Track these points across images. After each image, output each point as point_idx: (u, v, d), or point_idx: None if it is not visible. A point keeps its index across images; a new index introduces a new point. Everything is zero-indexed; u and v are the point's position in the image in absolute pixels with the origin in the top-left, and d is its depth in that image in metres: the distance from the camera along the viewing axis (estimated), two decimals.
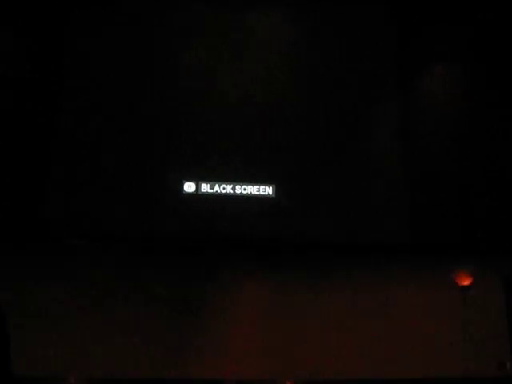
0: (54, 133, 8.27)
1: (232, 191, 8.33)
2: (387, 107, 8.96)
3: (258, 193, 8.37)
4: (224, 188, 8.33)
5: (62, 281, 8.46)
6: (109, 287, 8.51)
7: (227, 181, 8.36)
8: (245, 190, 8.35)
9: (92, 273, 8.54)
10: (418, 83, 9.23)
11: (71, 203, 8.07)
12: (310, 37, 9.10)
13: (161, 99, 8.54)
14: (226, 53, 8.80)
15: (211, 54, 8.78)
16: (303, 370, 8.47)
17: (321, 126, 8.72)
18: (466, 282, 9.00)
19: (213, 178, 8.36)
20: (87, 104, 8.41)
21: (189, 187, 8.28)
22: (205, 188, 8.31)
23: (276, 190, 8.39)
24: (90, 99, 8.42)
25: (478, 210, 8.74)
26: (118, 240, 8.32)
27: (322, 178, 8.52)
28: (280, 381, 8.44)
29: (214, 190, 8.31)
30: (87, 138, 8.29)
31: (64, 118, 8.33)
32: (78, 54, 8.60)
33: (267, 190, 8.38)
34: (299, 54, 9.00)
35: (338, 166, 8.60)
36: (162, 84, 8.59)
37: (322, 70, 8.95)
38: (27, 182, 8.03)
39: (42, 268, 8.46)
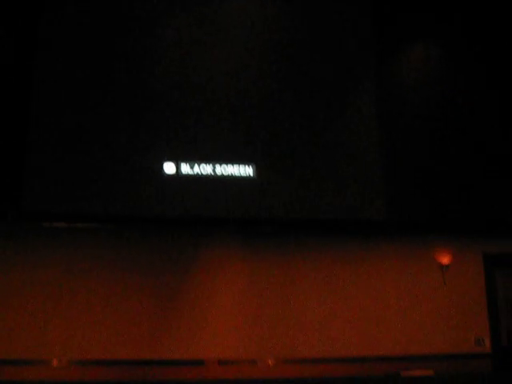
0: (31, 114, 8.18)
1: (212, 172, 8.31)
2: (364, 87, 8.96)
3: (238, 173, 8.36)
4: (204, 168, 8.31)
5: (43, 264, 8.42)
6: (89, 271, 8.49)
7: (207, 160, 8.34)
8: (225, 170, 8.33)
9: (71, 256, 8.51)
10: (396, 62, 9.26)
11: (48, 184, 8.01)
12: (287, 17, 9.05)
13: (140, 79, 8.46)
14: (203, 32, 8.74)
15: (190, 33, 8.71)
16: (284, 348, 8.54)
17: (298, 106, 8.71)
18: (446, 260, 9.09)
19: (193, 158, 8.33)
20: (64, 83, 8.31)
21: (169, 168, 8.24)
22: (185, 169, 8.28)
23: (256, 170, 8.39)
24: (67, 79, 8.33)
25: (457, 189, 8.82)
26: (95, 221, 8.30)
27: (299, 157, 8.52)
28: (261, 360, 8.48)
29: (194, 171, 8.29)
30: (65, 119, 8.19)
31: (40, 100, 8.23)
32: (55, 25, 8.47)
33: (247, 170, 8.37)
34: (275, 34, 8.93)
35: (315, 145, 8.60)
36: (141, 64, 8.51)
37: (299, 51, 8.92)
38: (3, 165, 7.98)
39: (21, 251, 8.42)
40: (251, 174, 8.38)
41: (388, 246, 9.14)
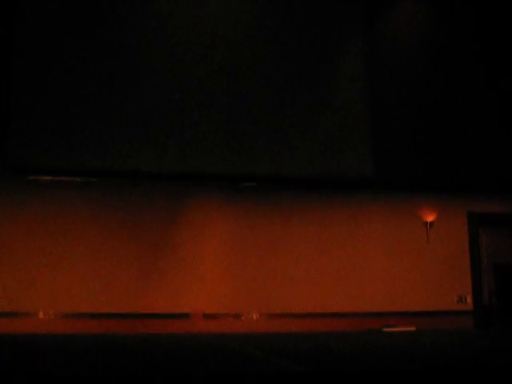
0: (14, 68, 8.12)
1: (195, 125, 8.33)
2: (353, 44, 8.93)
3: (222, 129, 8.38)
4: (188, 121, 8.33)
5: (29, 218, 8.43)
6: (75, 224, 8.50)
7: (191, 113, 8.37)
8: (209, 126, 8.36)
9: (57, 209, 8.51)
10: (384, 18, 9.20)
11: (33, 139, 8.00)
12: None
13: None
14: None
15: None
16: (268, 303, 8.63)
17: (286, 63, 8.68)
18: (430, 218, 9.16)
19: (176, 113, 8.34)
20: (47, 39, 8.22)
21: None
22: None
23: (242, 126, 8.40)
24: (49, 36, 8.26)
25: (443, 149, 8.85)
26: (80, 175, 8.33)
27: (286, 115, 8.52)
28: (245, 314, 8.58)
29: (178, 125, 8.30)
30: (48, 75, 8.14)
31: (23, 56, 8.16)
32: None
33: (233, 126, 8.39)
34: None
35: (302, 103, 8.60)
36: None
37: (287, 8, 8.86)
38: None
39: (6, 204, 8.41)
40: (237, 130, 8.39)
41: (374, 204, 9.19)
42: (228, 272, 8.67)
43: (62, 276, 8.31)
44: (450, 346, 5.72)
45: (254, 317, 8.58)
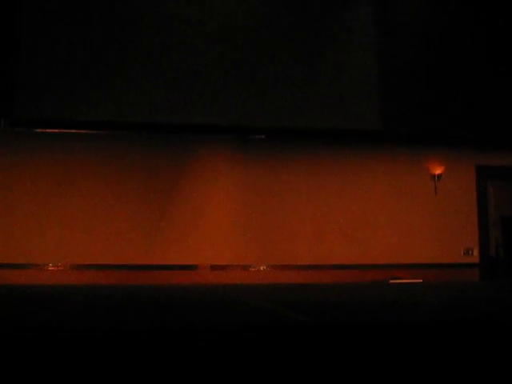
0: (21, 20, 8.06)
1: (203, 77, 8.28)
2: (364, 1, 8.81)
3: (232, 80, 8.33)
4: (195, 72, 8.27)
5: (38, 170, 8.46)
6: (83, 177, 8.53)
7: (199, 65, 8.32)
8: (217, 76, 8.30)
9: (65, 162, 8.52)
10: None
11: (40, 91, 7.97)
12: None
13: None
14: None
15: None
16: (276, 255, 8.69)
17: (296, 16, 8.57)
18: (438, 171, 9.12)
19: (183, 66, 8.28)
20: None
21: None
22: (175, 74, 8.25)
23: (251, 77, 8.35)
24: None
25: (450, 100, 8.76)
26: (88, 127, 8.33)
27: (296, 65, 8.45)
28: (253, 266, 8.64)
29: (185, 76, 8.23)
30: (55, 27, 8.09)
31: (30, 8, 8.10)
32: None
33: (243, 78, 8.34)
34: None
35: (312, 53, 8.52)
36: None
37: None
38: None
39: (16, 157, 8.43)
40: (247, 83, 8.33)
41: (382, 157, 9.16)
42: (235, 224, 8.71)
43: (70, 228, 8.38)
44: (456, 298, 5.76)
45: (261, 268, 8.64)
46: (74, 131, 8.40)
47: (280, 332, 3.10)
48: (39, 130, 8.28)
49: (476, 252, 9.13)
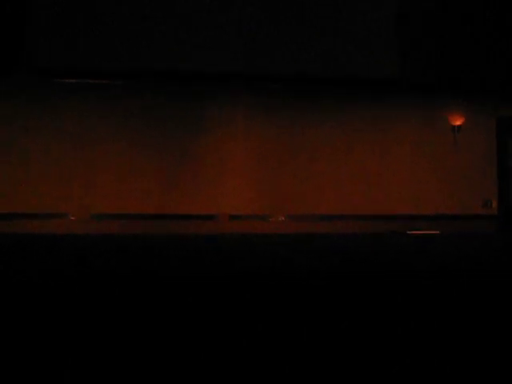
0: None
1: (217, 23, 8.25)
2: None
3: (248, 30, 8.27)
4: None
5: (59, 120, 8.51)
6: (102, 127, 8.56)
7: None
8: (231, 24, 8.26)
9: (81, 111, 8.56)
10: None
11: (57, 40, 7.96)
12: None
13: None
14: None
15: None
16: (294, 205, 8.73)
17: None
18: (458, 122, 9.04)
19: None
20: None
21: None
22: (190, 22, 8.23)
23: (266, 24, 8.28)
24: None
25: (471, 50, 8.62)
26: (105, 77, 8.34)
27: (313, 15, 8.34)
28: (271, 216, 8.70)
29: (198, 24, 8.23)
30: None
31: None
32: None
33: (256, 27, 8.28)
34: None
35: (329, 3, 8.40)
36: None
37: None
38: (14, 23, 7.92)
39: (34, 109, 8.48)
40: (262, 30, 8.26)
41: (400, 107, 9.08)
42: (253, 175, 8.74)
43: (91, 178, 8.46)
44: (473, 249, 5.78)
45: (280, 219, 8.70)
46: (90, 81, 8.39)
47: (300, 280, 3.15)
48: (57, 80, 8.26)
49: (495, 204, 9.10)
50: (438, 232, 8.57)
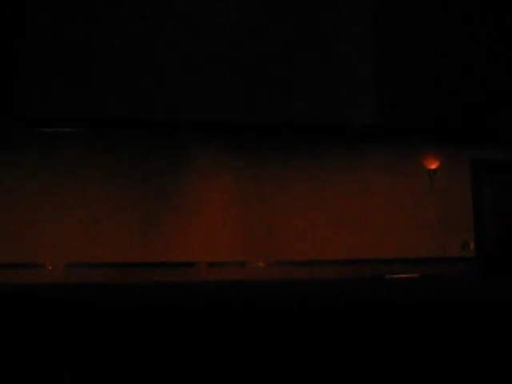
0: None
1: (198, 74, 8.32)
2: None
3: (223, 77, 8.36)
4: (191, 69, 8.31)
5: (34, 169, 8.47)
6: (79, 176, 8.55)
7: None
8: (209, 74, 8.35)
9: (60, 161, 8.55)
10: None
11: (36, 89, 8.01)
12: None
13: None
14: None
15: None
16: (273, 251, 8.70)
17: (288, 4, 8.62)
18: (433, 165, 9.14)
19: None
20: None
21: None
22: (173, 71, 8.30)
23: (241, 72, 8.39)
24: None
25: (447, 94, 8.78)
26: (83, 126, 8.35)
27: (291, 62, 8.47)
28: (250, 262, 8.66)
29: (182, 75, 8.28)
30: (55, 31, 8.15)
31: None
32: None
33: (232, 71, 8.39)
34: None
35: (302, 45, 8.53)
36: None
37: None
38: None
39: (9, 155, 8.46)
40: (243, 79, 8.36)
41: (376, 151, 9.16)
42: (232, 221, 8.72)
43: (67, 226, 8.39)
44: (452, 292, 5.79)
45: (259, 265, 8.66)
46: (67, 130, 8.41)
47: (278, 327, 3.12)
48: (35, 128, 8.28)
49: (472, 246, 9.15)
50: (416, 275, 8.57)
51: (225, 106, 8.28)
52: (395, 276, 8.47)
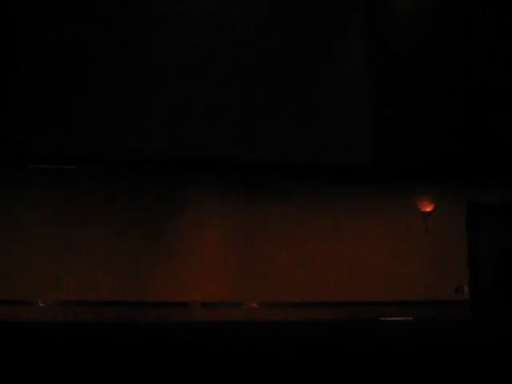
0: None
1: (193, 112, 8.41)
2: (356, 27, 8.91)
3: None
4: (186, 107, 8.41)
5: (23, 207, 8.49)
6: (70, 215, 8.56)
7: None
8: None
9: (53, 198, 8.57)
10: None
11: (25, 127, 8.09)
12: None
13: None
14: None
15: None
16: (267, 293, 8.68)
17: (284, 44, 8.69)
18: (428, 208, 9.16)
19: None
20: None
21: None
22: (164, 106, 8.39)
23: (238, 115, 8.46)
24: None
25: (444, 138, 8.84)
26: (76, 164, 8.39)
27: (280, 98, 8.56)
28: (244, 303, 8.61)
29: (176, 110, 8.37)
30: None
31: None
32: None
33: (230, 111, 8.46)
34: None
35: (298, 86, 8.62)
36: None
37: None
38: None
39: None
40: (233, 115, 8.42)
41: (371, 193, 9.18)
42: (226, 261, 8.73)
43: (60, 265, 8.38)
44: (446, 335, 5.75)
45: (253, 306, 8.61)
46: (62, 167, 8.45)
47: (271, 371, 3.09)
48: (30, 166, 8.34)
49: (467, 289, 9.12)
50: (411, 318, 8.53)
51: (225, 145, 8.34)
52: (389, 319, 8.42)
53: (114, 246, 8.52)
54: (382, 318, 8.43)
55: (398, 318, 8.46)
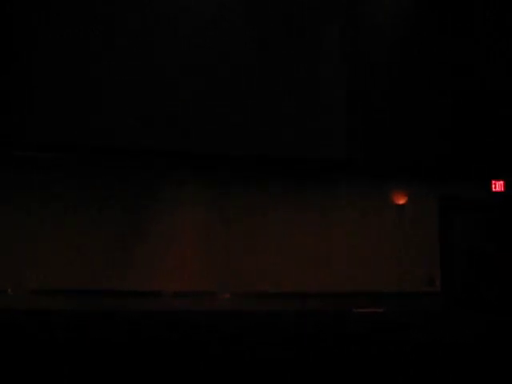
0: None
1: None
2: (333, 24, 8.94)
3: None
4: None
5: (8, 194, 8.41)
6: (46, 202, 8.46)
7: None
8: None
9: (27, 185, 8.46)
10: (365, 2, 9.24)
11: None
12: None
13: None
14: None
15: None
16: (240, 283, 8.66)
17: (263, 39, 8.71)
18: (401, 201, 9.22)
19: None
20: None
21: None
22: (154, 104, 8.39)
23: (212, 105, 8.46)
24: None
25: (418, 131, 8.92)
26: (58, 151, 8.32)
27: (256, 89, 8.56)
28: (217, 293, 8.61)
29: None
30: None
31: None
32: None
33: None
34: None
35: (274, 78, 8.63)
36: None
37: None
38: None
39: None
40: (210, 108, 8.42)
41: (345, 187, 9.21)
42: (200, 251, 8.70)
43: (31, 253, 8.27)
44: (417, 328, 5.80)
45: (226, 296, 8.61)
46: (41, 155, 8.38)
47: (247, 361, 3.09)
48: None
49: (438, 282, 9.21)
50: (381, 310, 8.59)
51: (201, 136, 8.34)
52: (361, 310, 8.46)
53: (86, 235, 8.44)
54: (354, 310, 8.47)
55: (369, 310, 8.50)
